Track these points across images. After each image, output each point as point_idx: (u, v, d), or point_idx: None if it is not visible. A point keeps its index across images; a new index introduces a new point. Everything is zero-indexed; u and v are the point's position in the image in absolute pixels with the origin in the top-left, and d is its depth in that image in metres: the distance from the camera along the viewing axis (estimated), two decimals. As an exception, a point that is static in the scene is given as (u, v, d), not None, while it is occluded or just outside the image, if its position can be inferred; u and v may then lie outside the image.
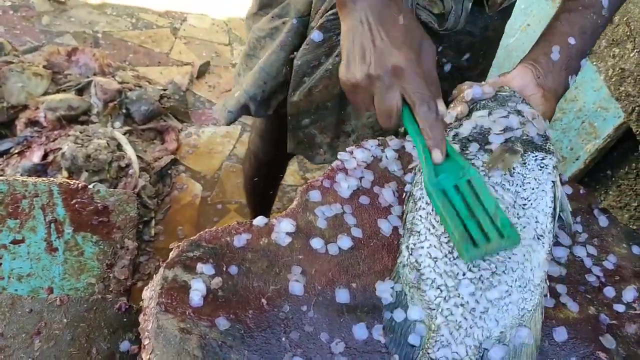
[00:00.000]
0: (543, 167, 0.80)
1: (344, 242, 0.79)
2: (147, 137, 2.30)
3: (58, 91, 2.22)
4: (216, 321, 0.68)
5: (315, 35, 0.99)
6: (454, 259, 0.73)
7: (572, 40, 0.89)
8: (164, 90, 2.49)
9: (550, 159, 0.81)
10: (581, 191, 0.97)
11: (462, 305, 0.71)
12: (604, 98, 1.64)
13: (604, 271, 0.85)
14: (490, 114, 0.86)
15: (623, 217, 1.55)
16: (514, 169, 0.79)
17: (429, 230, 0.76)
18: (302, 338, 0.70)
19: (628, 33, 1.55)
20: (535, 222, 0.76)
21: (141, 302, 0.76)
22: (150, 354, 0.65)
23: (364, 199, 0.86)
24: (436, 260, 0.74)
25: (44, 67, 2.26)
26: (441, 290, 0.72)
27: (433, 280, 0.73)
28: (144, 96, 2.32)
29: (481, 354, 0.70)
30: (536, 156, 0.81)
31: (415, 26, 0.75)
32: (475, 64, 1.14)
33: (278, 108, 1.17)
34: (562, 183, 0.96)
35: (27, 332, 0.86)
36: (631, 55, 1.53)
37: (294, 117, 1.13)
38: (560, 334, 0.75)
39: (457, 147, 0.83)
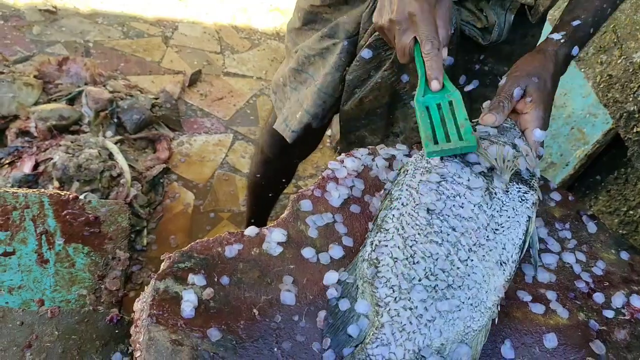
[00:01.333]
0: (523, 200, 0.81)
1: (335, 251, 0.80)
2: (138, 146, 2.29)
3: (49, 101, 2.21)
4: (208, 332, 0.68)
5: (365, 53, 1.10)
6: (414, 263, 0.74)
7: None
8: (156, 99, 2.49)
9: (532, 194, 0.82)
10: (570, 198, 0.98)
11: (410, 309, 0.71)
12: (592, 104, 1.65)
13: (593, 277, 0.86)
14: (488, 134, 0.88)
15: (613, 222, 1.57)
16: (495, 194, 0.81)
17: (398, 230, 0.77)
18: (294, 348, 0.70)
19: (615, 40, 1.57)
20: (503, 248, 0.77)
21: (133, 314, 0.75)
22: (141, 366, 0.65)
23: (354, 208, 0.86)
24: (396, 261, 0.75)
25: (35, 77, 2.25)
26: (393, 291, 0.73)
27: (388, 280, 0.74)
28: (136, 105, 2.31)
29: None
30: (520, 188, 0.82)
31: None
32: None
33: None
34: (551, 190, 0.97)
35: (18, 345, 0.85)
36: (618, 62, 1.55)
37: (346, 122, 1.24)
38: (551, 340, 0.75)
39: None
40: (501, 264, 0.76)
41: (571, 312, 0.80)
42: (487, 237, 0.77)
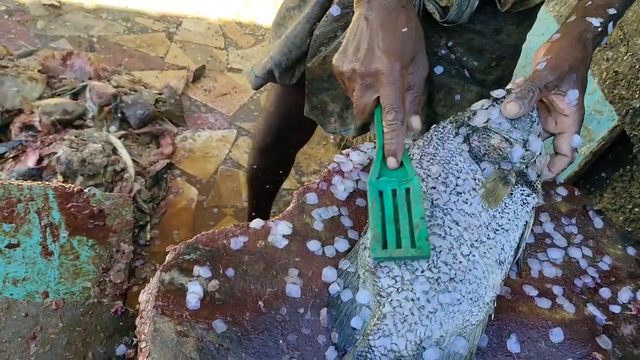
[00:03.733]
0: (525, 203, 0.80)
1: (341, 244, 0.79)
2: (142, 141, 2.30)
3: (53, 95, 2.21)
4: (213, 324, 0.68)
5: (334, 9, 1.05)
6: None
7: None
8: (160, 94, 2.49)
9: (533, 198, 0.81)
10: (576, 193, 0.98)
11: (412, 300, 0.71)
12: (598, 101, 1.64)
13: (600, 272, 0.85)
14: (500, 125, 0.84)
15: (618, 220, 1.56)
16: None
17: None
18: (300, 340, 0.70)
19: (621, 36, 1.56)
20: (501, 248, 0.77)
21: (137, 306, 0.75)
22: (147, 357, 0.65)
23: (360, 201, 0.86)
24: None
25: (39, 71, 2.25)
26: (396, 281, 0.72)
27: (391, 270, 0.73)
28: (140, 100, 2.31)
29: (419, 352, 0.70)
30: (523, 191, 0.81)
31: (414, 38, 0.77)
32: (489, 67, 1.13)
33: (293, 90, 1.24)
34: (557, 185, 0.97)
35: (22, 336, 0.85)
36: (624, 58, 1.54)
37: (310, 82, 1.19)
38: (557, 335, 0.75)
39: (459, 138, 0.84)
40: (500, 263, 0.76)
41: (577, 307, 0.79)
42: (488, 235, 0.77)
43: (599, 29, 0.85)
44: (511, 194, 0.80)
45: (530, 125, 0.84)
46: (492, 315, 0.75)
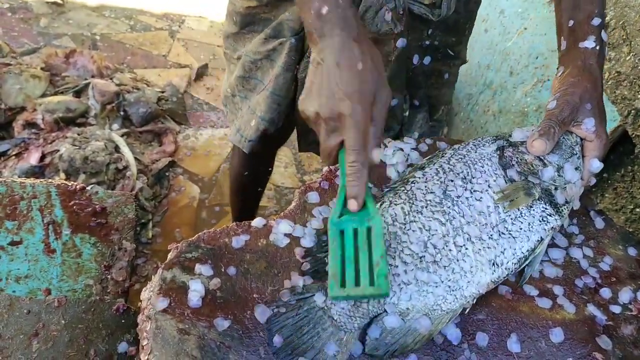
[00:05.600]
0: (544, 221, 0.80)
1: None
2: (144, 139, 2.30)
3: (56, 93, 2.22)
4: (215, 322, 0.68)
5: None
6: (410, 229, 0.76)
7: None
8: (162, 92, 2.49)
9: (555, 219, 0.81)
10: (577, 193, 0.98)
11: (390, 265, 0.73)
12: (600, 101, 1.64)
13: (600, 272, 0.85)
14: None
15: (619, 220, 1.56)
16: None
17: (409, 198, 0.80)
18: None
19: (624, 37, 1.56)
20: (501, 252, 0.77)
21: (139, 303, 0.76)
22: (148, 354, 0.66)
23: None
24: (394, 222, 0.77)
25: (42, 69, 2.26)
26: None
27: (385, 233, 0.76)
28: (142, 98, 2.32)
29: (379, 312, 0.72)
30: (545, 209, 0.81)
31: (373, 73, 0.74)
32: (462, 36, 1.18)
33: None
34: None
35: (25, 333, 0.86)
36: (627, 58, 1.54)
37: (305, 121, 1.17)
38: (557, 334, 0.75)
39: (494, 146, 0.86)
40: (493, 264, 0.77)
41: (578, 307, 0.79)
42: (491, 235, 0.78)
43: (597, 48, 0.88)
44: (531, 207, 0.80)
45: (570, 155, 0.86)
46: (467, 310, 0.75)
